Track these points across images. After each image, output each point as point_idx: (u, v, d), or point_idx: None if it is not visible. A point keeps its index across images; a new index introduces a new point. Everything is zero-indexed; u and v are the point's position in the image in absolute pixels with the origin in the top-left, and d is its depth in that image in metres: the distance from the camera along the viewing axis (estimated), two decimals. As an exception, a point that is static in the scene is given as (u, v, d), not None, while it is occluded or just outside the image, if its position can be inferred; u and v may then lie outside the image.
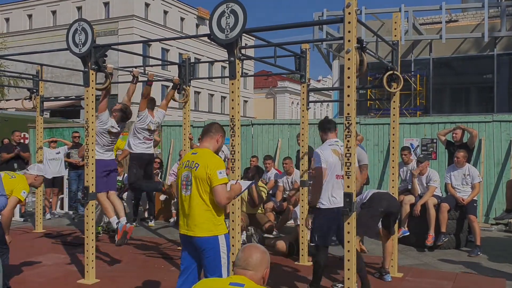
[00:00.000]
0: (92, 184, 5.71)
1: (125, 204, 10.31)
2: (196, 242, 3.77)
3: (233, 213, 4.92)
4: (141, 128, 6.73)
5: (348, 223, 4.42)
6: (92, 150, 5.77)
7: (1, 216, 4.83)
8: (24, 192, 5.03)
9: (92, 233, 5.72)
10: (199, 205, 3.76)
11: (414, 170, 7.45)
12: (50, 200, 10.58)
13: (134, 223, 9.29)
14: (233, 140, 4.89)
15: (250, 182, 4.51)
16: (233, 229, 4.91)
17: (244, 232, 7.25)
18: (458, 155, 7.39)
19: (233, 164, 4.88)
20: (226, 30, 4.76)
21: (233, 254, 4.24)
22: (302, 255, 6.39)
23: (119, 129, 6.63)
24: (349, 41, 4.33)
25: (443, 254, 7.07)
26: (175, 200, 9.49)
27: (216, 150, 3.95)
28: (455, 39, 18.97)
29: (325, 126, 5.23)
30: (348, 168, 4.40)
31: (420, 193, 7.42)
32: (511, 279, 5.76)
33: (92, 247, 5.69)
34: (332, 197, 4.95)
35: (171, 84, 7.21)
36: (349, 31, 4.32)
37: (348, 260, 4.42)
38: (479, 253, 6.96)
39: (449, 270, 6.24)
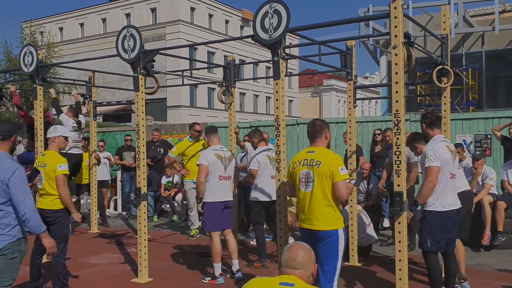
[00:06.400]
0: (144, 185, 5.87)
1: (176, 204, 10.56)
2: (318, 235, 3.99)
3: (280, 213, 4.93)
4: None
5: (399, 223, 4.33)
6: (143, 152, 5.93)
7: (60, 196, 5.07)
8: (60, 166, 5.05)
9: (145, 233, 5.88)
10: (321, 201, 3.98)
11: (476, 171, 7.17)
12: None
13: (185, 223, 9.48)
14: (278, 140, 4.89)
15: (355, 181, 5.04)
16: (280, 229, 4.91)
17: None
18: (515, 151, 7.07)
19: (278, 164, 4.88)
20: (269, 31, 4.77)
21: (280, 254, 4.25)
22: (352, 256, 6.31)
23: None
24: (395, 36, 4.25)
25: (500, 254, 6.79)
26: None
27: (328, 145, 4.21)
28: (510, 30, 18.14)
29: (433, 122, 4.75)
30: (398, 166, 4.31)
31: (475, 191, 7.16)
32: None
33: (145, 246, 5.85)
34: (446, 199, 4.53)
35: (216, 87, 7.25)
36: (395, 26, 4.25)
37: (400, 260, 4.33)
38: (540, 253, 6.64)
39: (507, 271, 5.99)
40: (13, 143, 3.99)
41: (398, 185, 4.30)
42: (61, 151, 5.50)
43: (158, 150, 10.43)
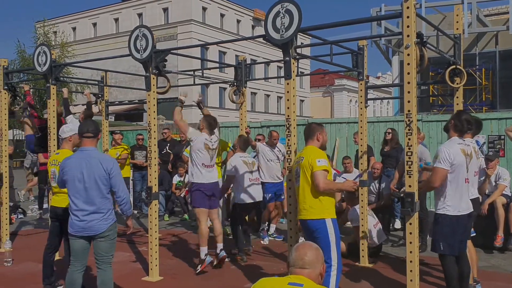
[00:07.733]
0: (155, 184, 5.90)
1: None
2: (306, 224, 4.32)
3: (290, 213, 4.92)
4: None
5: (410, 224, 4.31)
6: (155, 151, 5.96)
7: None
8: None
9: (156, 231, 5.91)
10: (307, 192, 4.31)
11: (489, 171, 7.09)
12: None
13: (196, 222, 9.50)
14: (289, 140, 4.89)
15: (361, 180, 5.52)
16: (291, 229, 4.91)
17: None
18: (529, 152, 6.97)
19: (289, 164, 4.88)
20: (281, 30, 4.76)
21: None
22: (363, 256, 6.29)
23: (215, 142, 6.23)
24: (408, 36, 4.22)
25: (514, 256, 6.72)
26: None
27: (320, 146, 4.52)
28: (524, 29, 17.93)
29: (464, 130, 4.62)
30: (409, 167, 4.29)
31: (487, 192, 7.08)
32: None
33: (156, 245, 5.88)
34: (460, 203, 4.47)
35: (227, 87, 7.30)
36: (408, 26, 4.22)
37: (411, 262, 4.31)
38: (554, 256, 6.55)
39: (520, 273, 5.92)
40: (98, 140, 4.55)
41: (410, 186, 4.28)
42: None
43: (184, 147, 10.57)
